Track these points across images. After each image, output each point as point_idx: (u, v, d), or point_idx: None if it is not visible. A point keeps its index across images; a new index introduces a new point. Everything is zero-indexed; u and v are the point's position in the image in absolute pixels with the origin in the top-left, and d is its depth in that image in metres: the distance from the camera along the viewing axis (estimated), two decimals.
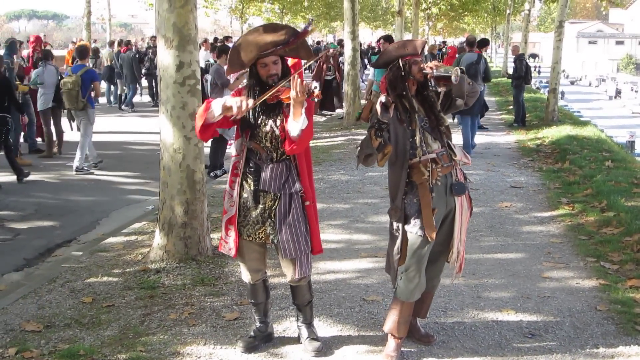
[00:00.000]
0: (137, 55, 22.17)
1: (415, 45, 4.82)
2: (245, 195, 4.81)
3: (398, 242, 4.81)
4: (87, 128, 12.46)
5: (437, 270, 5.06)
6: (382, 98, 4.57)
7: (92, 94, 12.41)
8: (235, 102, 4.40)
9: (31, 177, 11.51)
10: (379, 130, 4.51)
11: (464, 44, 16.94)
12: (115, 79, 22.25)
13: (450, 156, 4.81)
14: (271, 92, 4.51)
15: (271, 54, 4.58)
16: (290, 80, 4.49)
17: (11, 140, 11.64)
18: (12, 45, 14.68)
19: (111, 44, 24.86)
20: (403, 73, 4.75)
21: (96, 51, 22.00)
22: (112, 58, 22.47)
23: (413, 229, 4.72)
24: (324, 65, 19.76)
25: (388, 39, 13.30)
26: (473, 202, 5.06)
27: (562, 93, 49.62)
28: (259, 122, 4.71)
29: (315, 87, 4.48)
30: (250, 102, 4.47)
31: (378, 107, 4.54)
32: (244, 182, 4.81)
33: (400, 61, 4.75)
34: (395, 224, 4.84)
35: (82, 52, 13.36)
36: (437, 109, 4.83)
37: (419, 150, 4.69)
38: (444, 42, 47.38)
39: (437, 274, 5.10)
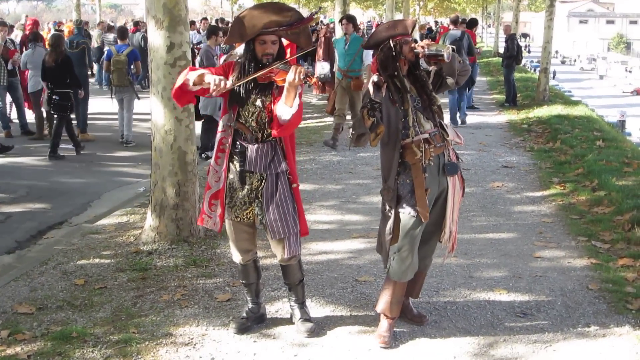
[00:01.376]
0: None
1: (405, 25, 4.81)
2: (231, 176, 4.81)
3: (390, 222, 4.81)
4: (131, 104, 13.38)
5: (430, 250, 5.07)
6: (374, 77, 4.56)
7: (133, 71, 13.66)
8: (212, 80, 4.36)
9: (22, 160, 11.50)
10: (371, 110, 4.50)
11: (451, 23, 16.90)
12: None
13: (443, 136, 4.81)
14: (262, 73, 4.49)
15: (273, 33, 4.56)
16: (285, 62, 4.49)
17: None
18: (82, 27, 15.27)
19: (100, 24, 24.71)
20: (394, 53, 4.74)
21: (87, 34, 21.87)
22: (102, 39, 22.31)
23: (406, 209, 4.72)
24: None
25: (351, 19, 12.79)
26: (465, 182, 5.07)
27: (554, 73, 49.66)
28: (247, 100, 4.69)
29: (316, 75, 4.47)
30: (229, 83, 4.45)
31: (370, 87, 4.53)
32: (230, 163, 4.81)
33: (391, 41, 4.74)
34: (387, 204, 4.84)
35: (122, 32, 14.55)
36: (429, 88, 4.82)
37: (412, 131, 4.69)
38: (436, 22, 47.20)
39: (430, 254, 5.11)
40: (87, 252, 6.92)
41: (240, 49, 8.18)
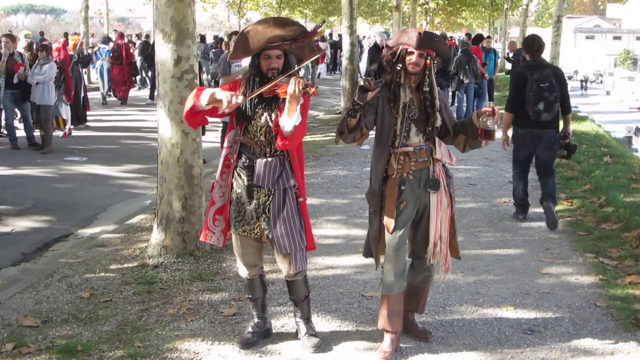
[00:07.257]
0: None
1: (412, 37, 4.68)
2: (239, 190, 4.81)
3: (375, 226, 4.90)
4: None
5: (423, 266, 5.03)
6: (361, 81, 4.56)
7: None
8: (225, 96, 4.38)
9: (28, 172, 11.51)
10: (352, 111, 4.53)
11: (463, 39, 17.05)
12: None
13: (430, 152, 4.78)
14: (266, 87, 4.49)
15: (277, 47, 4.57)
16: (288, 75, 4.49)
17: None
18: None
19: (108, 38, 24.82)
20: (394, 60, 4.71)
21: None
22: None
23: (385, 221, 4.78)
24: None
25: None
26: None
27: (586, 87, 51.51)
28: (254, 115, 4.69)
29: (315, 86, 4.47)
30: (240, 98, 4.46)
31: (357, 88, 4.57)
32: (238, 177, 4.80)
33: (399, 47, 4.71)
34: (371, 208, 4.90)
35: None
36: (432, 107, 4.76)
37: (397, 140, 4.71)
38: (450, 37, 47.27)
39: (424, 270, 5.06)
40: (92, 265, 6.91)
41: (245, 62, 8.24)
